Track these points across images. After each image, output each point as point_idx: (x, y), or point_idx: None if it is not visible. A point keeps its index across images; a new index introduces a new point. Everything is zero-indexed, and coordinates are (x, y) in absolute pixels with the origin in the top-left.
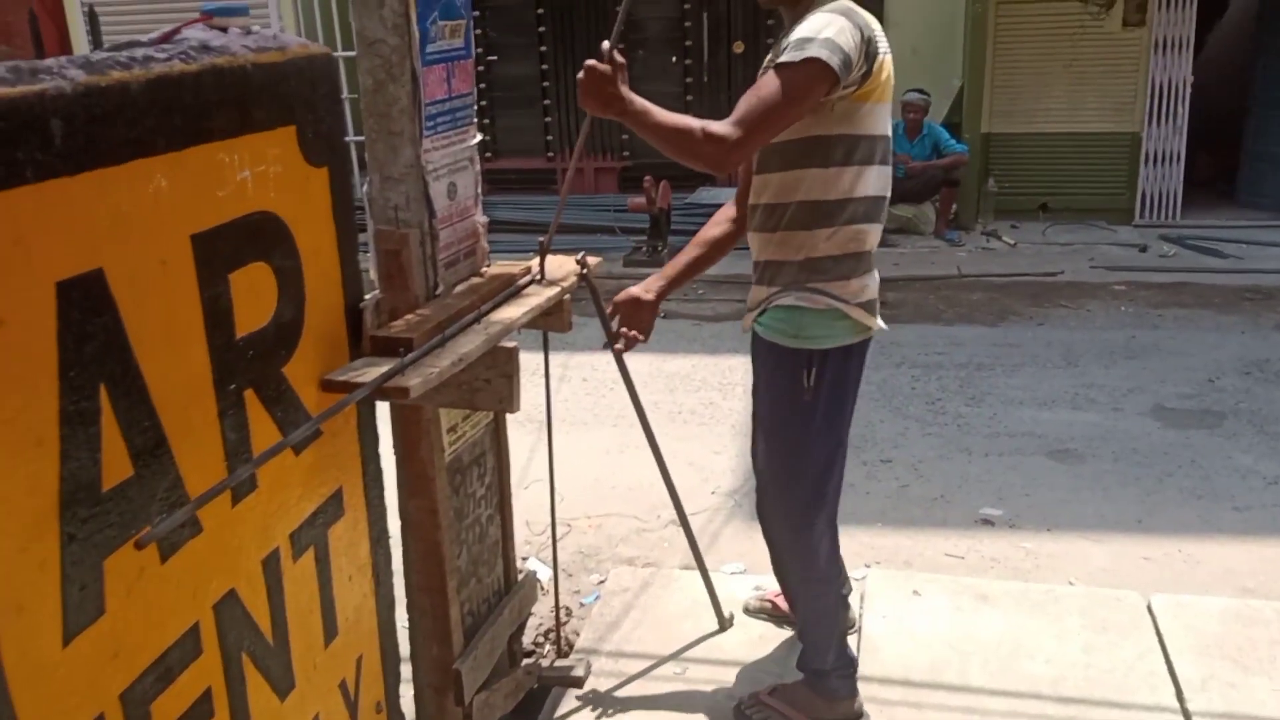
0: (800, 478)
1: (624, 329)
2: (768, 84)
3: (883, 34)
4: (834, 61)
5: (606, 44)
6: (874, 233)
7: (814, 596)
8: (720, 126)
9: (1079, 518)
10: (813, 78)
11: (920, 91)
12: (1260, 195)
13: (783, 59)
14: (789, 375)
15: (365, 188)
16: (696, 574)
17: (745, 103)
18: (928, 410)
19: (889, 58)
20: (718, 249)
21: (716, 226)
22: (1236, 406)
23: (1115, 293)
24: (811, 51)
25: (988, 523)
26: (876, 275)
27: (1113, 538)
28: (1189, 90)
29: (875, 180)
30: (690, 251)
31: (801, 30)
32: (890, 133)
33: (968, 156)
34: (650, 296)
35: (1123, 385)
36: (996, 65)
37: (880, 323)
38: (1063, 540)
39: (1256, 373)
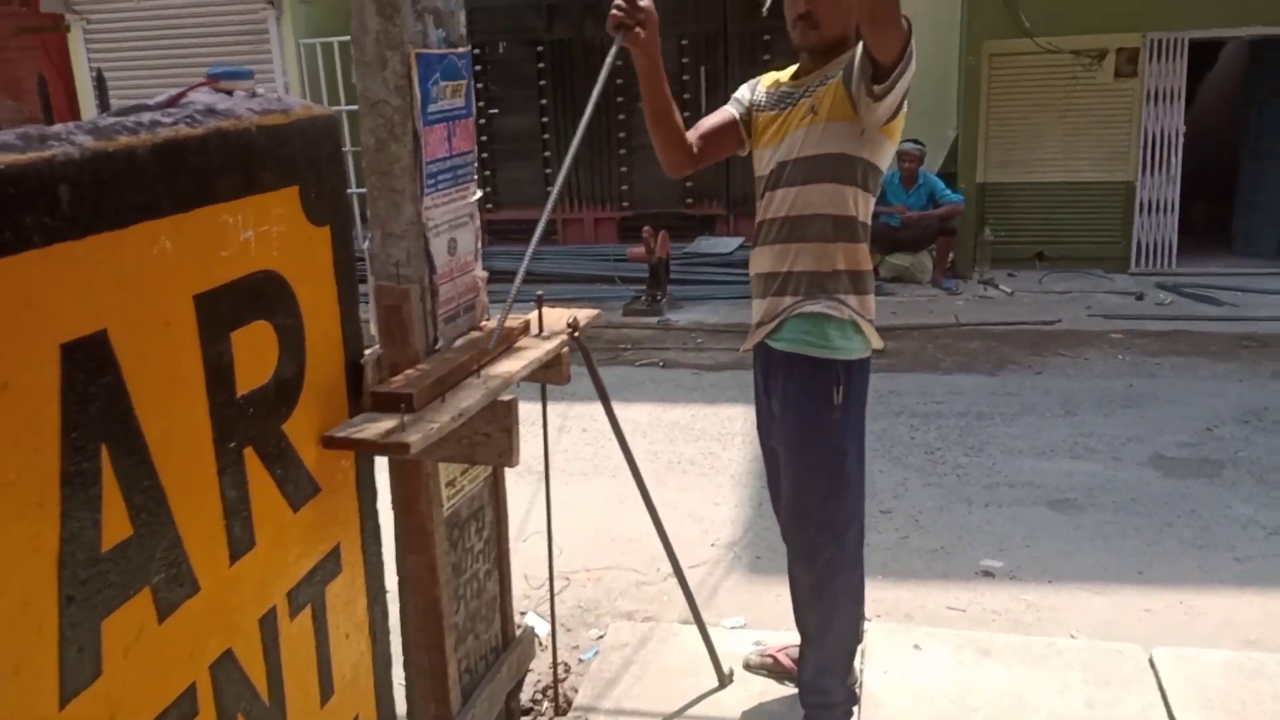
0: (836, 497)
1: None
2: None
3: None
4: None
5: None
6: (868, 260)
7: (841, 617)
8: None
9: (1080, 569)
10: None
11: (915, 142)
12: (1254, 243)
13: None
14: (819, 389)
15: (367, 243)
16: (693, 629)
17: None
18: (927, 460)
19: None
20: (669, 115)
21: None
22: (1235, 455)
23: (1112, 341)
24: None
25: (989, 574)
26: (873, 301)
27: (1114, 589)
28: (1181, 140)
29: (873, 208)
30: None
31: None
32: (885, 168)
33: (963, 206)
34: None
35: (1122, 434)
36: (991, 116)
37: (879, 340)
38: (1064, 592)
39: (1255, 421)
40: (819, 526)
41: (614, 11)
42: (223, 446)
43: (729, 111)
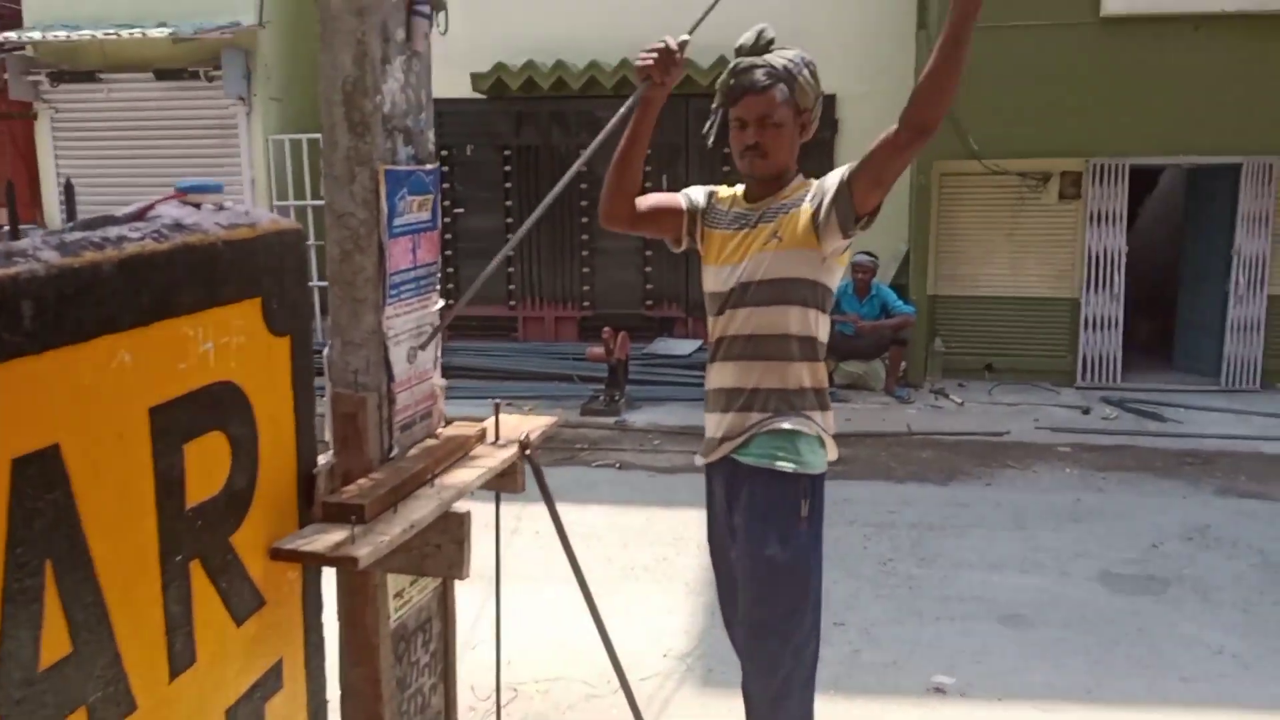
0: (799, 612)
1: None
2: None
3: None
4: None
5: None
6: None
7: None
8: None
9: (1030, 686)
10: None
11: (868, 254)
12: (1195, 360)
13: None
14: (788, 503)
15: (326, 349)
16: None
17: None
18: (880, 571)
19: None
20: (637, 163)
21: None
22: (1180, 573)
23: (1060, 454)
24: None
25: (940, 691)
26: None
27: (1063, 708)
28: (1124, 259)
29: (829, 327)
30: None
31: (835, 174)
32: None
33: (914, 317)
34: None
35: (1070, 549)
36: (941, 232)
37: (834, 454)
38: (1014, 710)
39: (1198, 538)
40: (780, 640)
41: (648, 62)
42: (169, 560)
43: (679, 201)
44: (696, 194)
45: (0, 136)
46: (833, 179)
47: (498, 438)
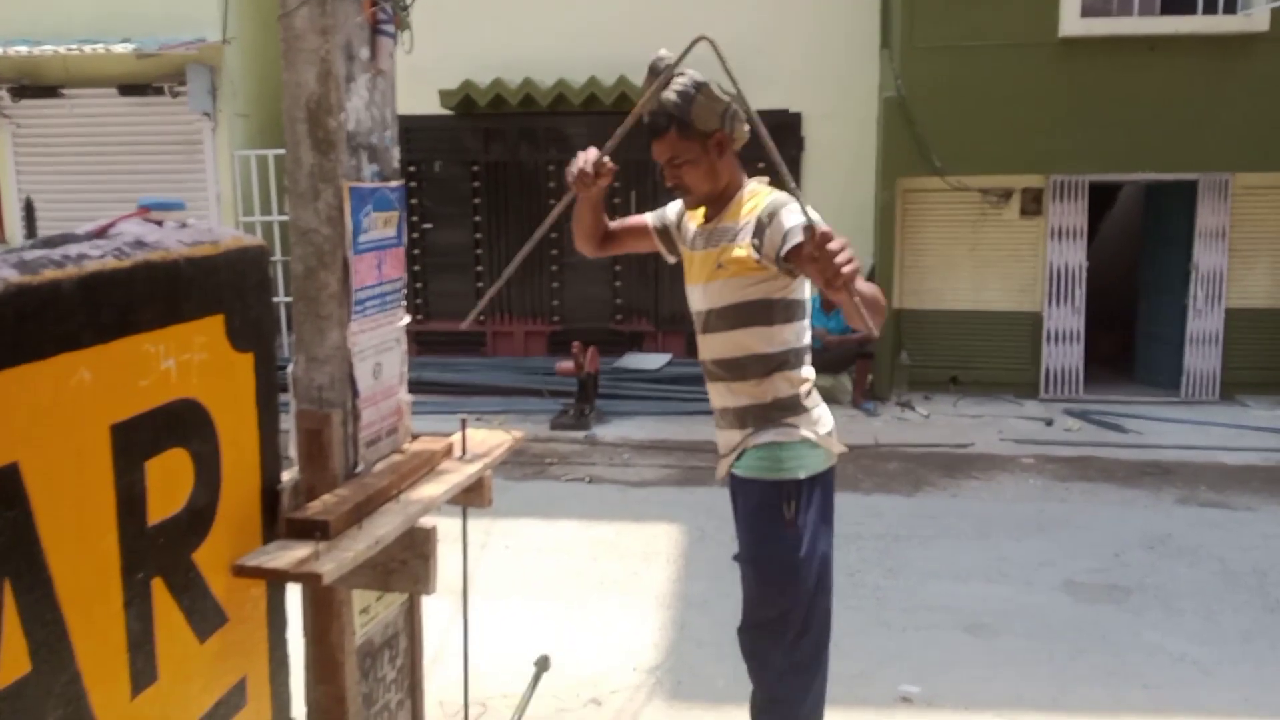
0: (792, 612)
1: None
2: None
3: None
4: None
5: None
6: (812, 373)
7: None
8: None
9: (995, 696)
10: None
11: None
12: (1154, 373)
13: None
14: (772, 507)
15: (291, 366)
16: None
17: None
18: (847, 582)
19: None
20: (599, 221)
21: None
22: (1142, 581)
23: (1024, 465)
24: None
25: (907, 700)
26: (827, 407)
27: (1028, 717)
28: (1085, 274)
29: (805, 333)
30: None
31: (788, 214)
32: (806, 295)
33: (880, 331)
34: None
35: (1034, 559)
36: (905, 247)
37: (841, 445)
38: (979, 719)
39: (1160, 547)
40: (771, 640)
41: (578, 172)
42: (130, 578)
43: (646, 221)
44: (670, 211)
45: None
46: (776, 230)
47: (464, 453)
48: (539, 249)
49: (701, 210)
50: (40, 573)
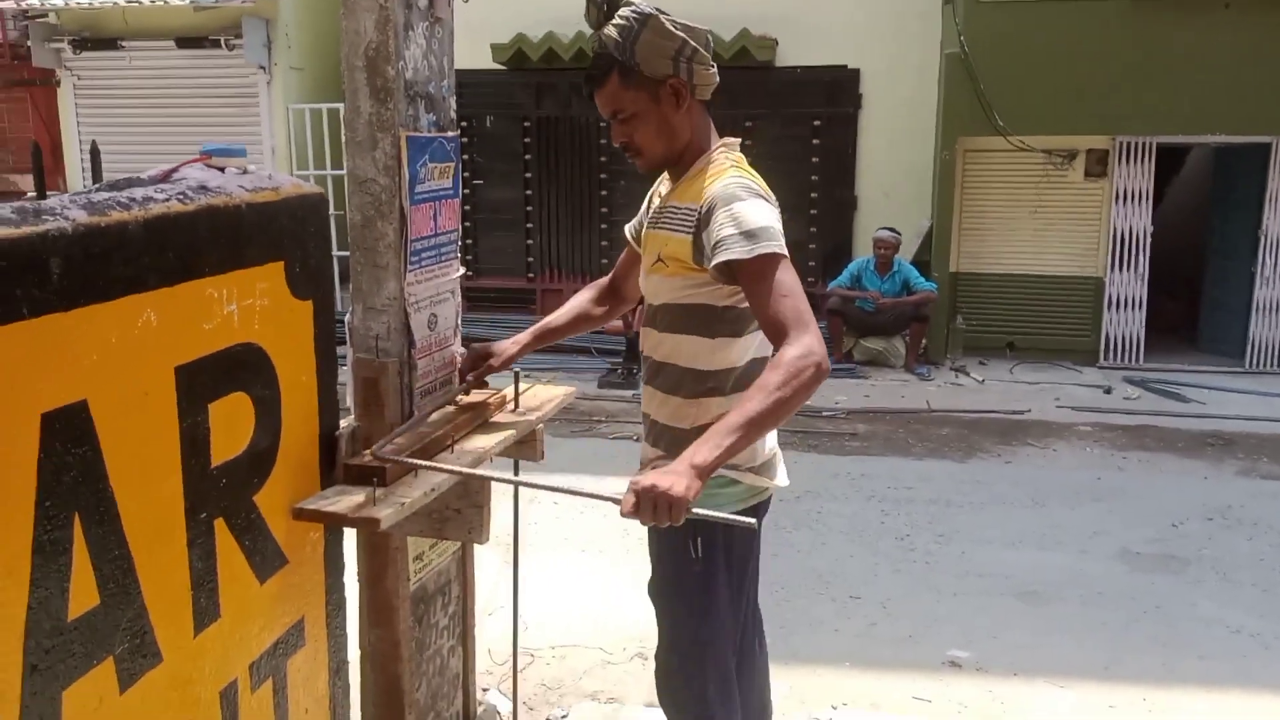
0: (699, 647)
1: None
2: (787, 283)
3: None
4: (785, 252)
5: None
6: None
7: None
8: (802, 347)
9: (1046, 662)
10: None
11: (891, 230)
12: (1220, 342)
13: (760, 251)
14: (675, 544)
15: (348, 315)
16: (660, 713)
17: (787, 307)
18: (897, 546)
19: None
20: (579, 324)
21: (588, 304)
22: (1200, 553)
23: (1081, 433)
24: (775, 247)
25: (955, 665)
26: (773, 433)
27: (1079, 683)
28: (1149, 239)
29: (759, 343)
30: (555, 318)
31: (748, 217)
32: None
33: (936, 294)
34: (496, 362)
35: (1089, 527)
36: (965, 208)
37: (781, 479)
38: (1030, 685)
39: (1219, 519)
40: (685, 689)
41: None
42: (194, 517)
43: (630, 243)
44: (639, 217)
45: (23, 103)
46: (711, 233)
47: (517, 405)
48: (589, 205)
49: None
50: (108, 508)
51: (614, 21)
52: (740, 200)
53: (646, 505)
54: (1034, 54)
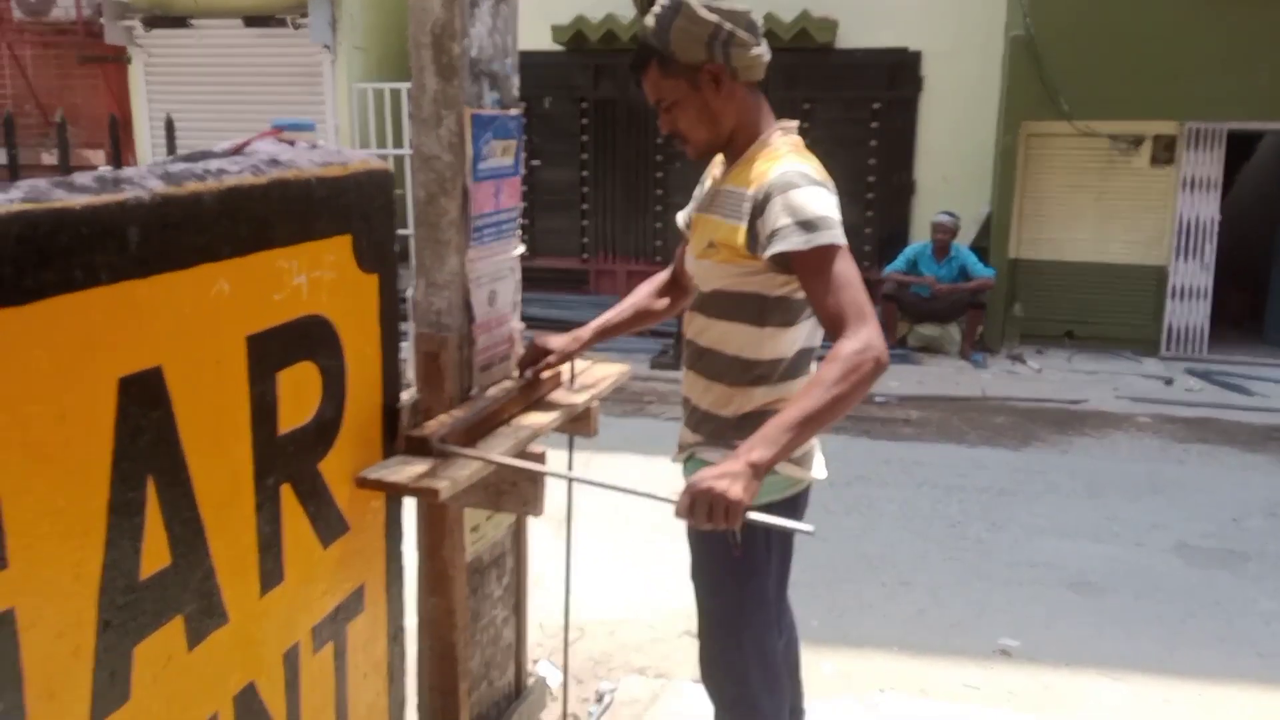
0: (737, 632)
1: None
2: (845, 274)
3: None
4: (844, 242)
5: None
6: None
7: None
8: (860, 340)
9: (1099, 654)
10: (859, 278)
11: (950, 214)
12: None
13: (818, 242)
14: (715, 534)
15: (410, 290)
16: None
17: (846, 299)
18: (948, 533)
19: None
20: (640, 320)
21: (649, 298)
22: (1262, 549)
23: (1140, 424)
24: (836, 238)
25: (1006, 653)
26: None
27: (1133, 677)
28: (1216, 228)
29: (808, 334)
30: (615, 314)
31: (806, 206)
32: None
33: (994, 280)
34: (554, 358)
35: (1146, 520)
36: (1026, 194)
37: (820, 472)
38: (1082, 676)
39: None
40: (725, 671)
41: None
42: (261, 482)
43: (684, 234)
44: (689, 207)
45: (95, 80)
46: (767, 223)
47: (573, 382)
48: (644, 187)
49: (721, 157)
50: (181, 472)
51: (653, 10)
52: (797, 188)
53: (702, 507)
54: (1101, 36)
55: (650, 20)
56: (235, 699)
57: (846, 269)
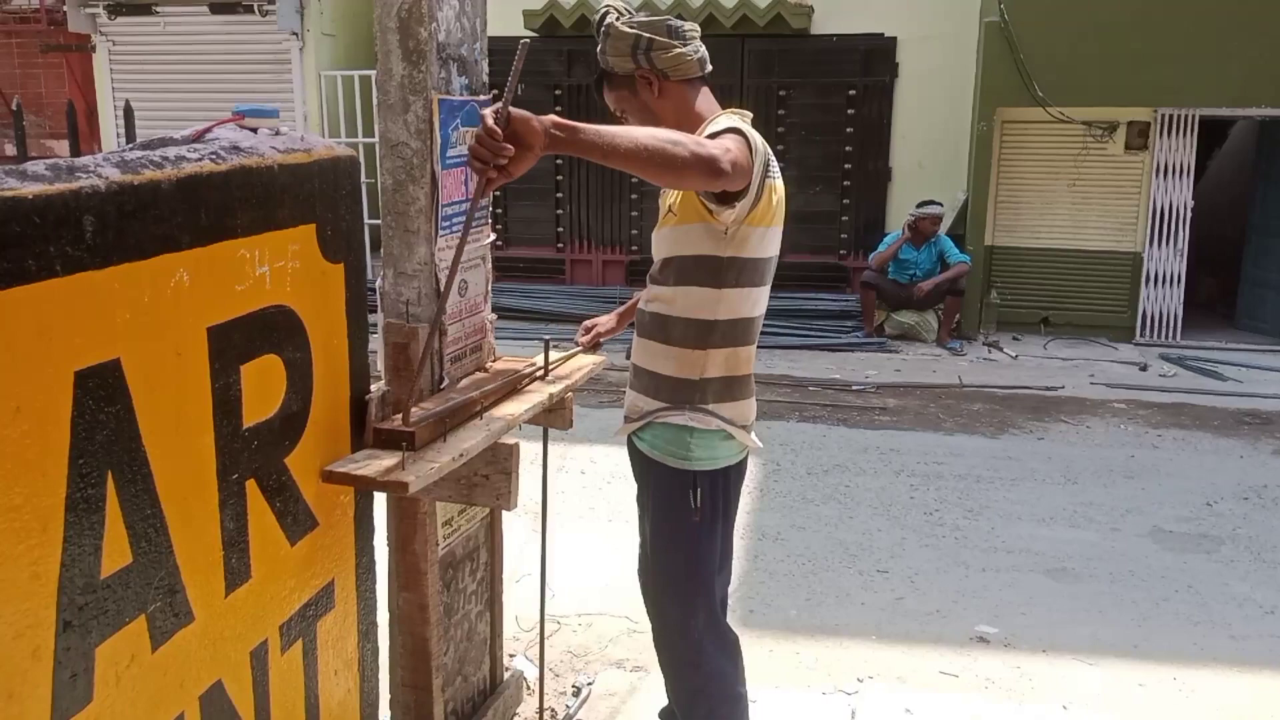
0: (691, 594)
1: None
2: (735, 138)
3: (774, 158)
4: (757, 156)
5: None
6: (753, 353)
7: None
8: (717, 144)
9: (1075, 639)
10: (745, 155)
11: (938, 203)
12: (1259, 320)
13: (728, 125)
14: (677, 496)
15: (379, 280)
16: None
17: (729, 139)
18: (925, 521)
19: (779, 181)
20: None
21: None
22: (1234, 532)
23: (1115, 410)
24: (743, 131)
25: (983, 640)
26: (753, 401)
27: (1108, 661)
28: (1190, 214)
29: (759, 301)
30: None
31: (725, 122)
32: (778, 254)
33: (970, 266)
34: (603, 329)
35: (1121, 505)
36: (1001, 181)
37: (757, 441)
38: (1058, 662)
39: (1254, 499)
40: (679, 633)
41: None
42: (225, 478)
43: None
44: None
45: (59, 69)
46: (718, 123)
47: (547, 373)
48: (620, 176)
49: None
50: (141, 467)
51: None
52: (719, 118)
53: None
54: (1075, 23)
55: (598, 47)
56: (202, 698)
57: (738, 139)
